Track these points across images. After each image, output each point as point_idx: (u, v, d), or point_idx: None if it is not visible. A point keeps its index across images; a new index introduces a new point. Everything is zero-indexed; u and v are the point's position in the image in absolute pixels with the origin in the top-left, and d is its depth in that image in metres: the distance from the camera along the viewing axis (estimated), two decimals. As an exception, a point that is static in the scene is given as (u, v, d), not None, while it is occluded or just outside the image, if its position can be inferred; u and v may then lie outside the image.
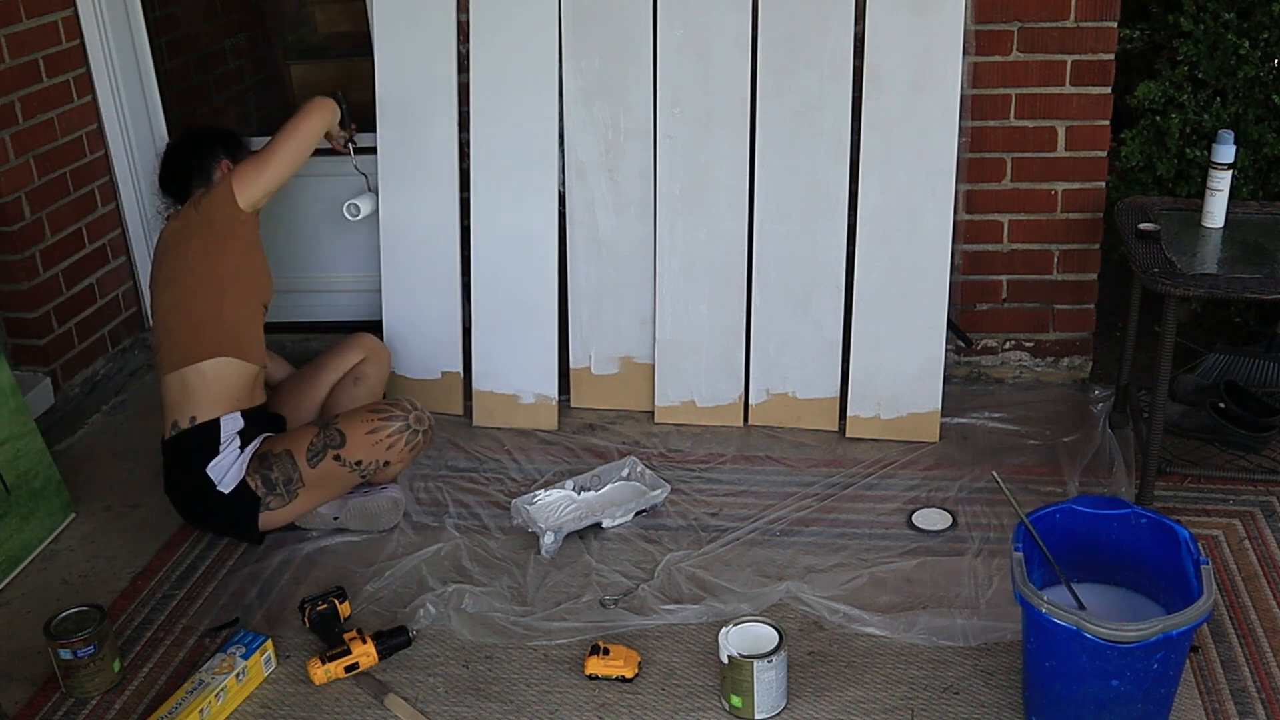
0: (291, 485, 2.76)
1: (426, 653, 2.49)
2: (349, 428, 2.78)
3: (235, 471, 2.73)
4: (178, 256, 2.79)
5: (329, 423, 2.80)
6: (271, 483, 2.74)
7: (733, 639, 2.27)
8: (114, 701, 2.40)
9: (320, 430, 2.78)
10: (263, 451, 2.77)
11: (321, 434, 2.77)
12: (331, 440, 2.76)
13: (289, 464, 2.74)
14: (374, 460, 2.79)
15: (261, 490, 2.74)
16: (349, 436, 2.76)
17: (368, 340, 3.21)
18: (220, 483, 2.73)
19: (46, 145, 3.41)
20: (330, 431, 2.77)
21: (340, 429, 2.77)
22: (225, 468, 2.73)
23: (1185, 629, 1.96)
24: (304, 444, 2.76)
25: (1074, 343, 3.43)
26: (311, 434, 2.78)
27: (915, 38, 3.03)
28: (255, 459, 2.75)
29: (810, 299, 3.21)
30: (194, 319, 2.77)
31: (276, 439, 2.82)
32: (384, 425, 2.78)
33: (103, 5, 3.55)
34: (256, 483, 2.74)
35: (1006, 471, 3.00)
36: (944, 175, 3.08)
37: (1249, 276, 2.61)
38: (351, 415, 2.82)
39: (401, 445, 2.80)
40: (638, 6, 3.15)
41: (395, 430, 2.78)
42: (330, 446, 2.75)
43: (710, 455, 3.19)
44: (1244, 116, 3.25)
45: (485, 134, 3.29)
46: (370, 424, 2.78)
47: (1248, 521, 2.78)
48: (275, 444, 2.79)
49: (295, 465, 2.75)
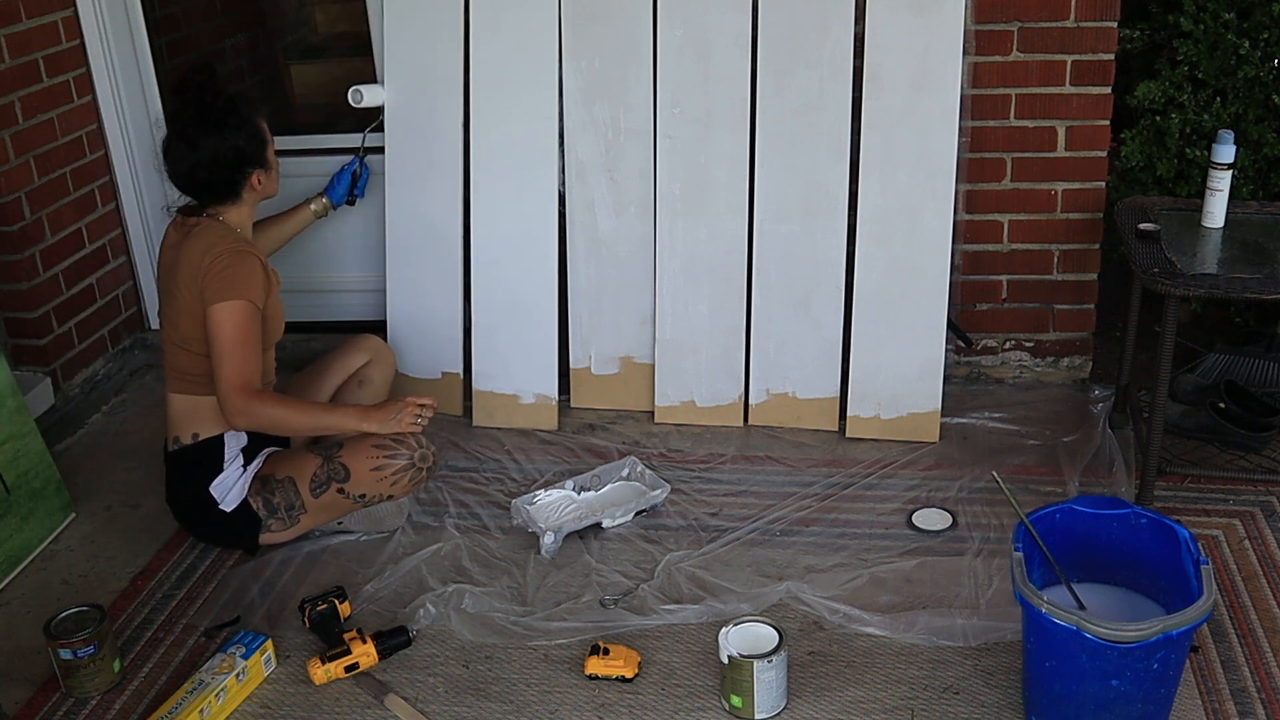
0: (294, 511, 2.75)
1: (426, 653, 2.49)
2: (353, 462, 2.72)
3: (237, 491, 2.72)
4: (188, 301, 2.64)
5: (333, 454, 2.74)
6: (273, 507, 2.73)
7: (733, 639, 2.27)
8: (114, 701, 2.40)
9: (324, 462, 2.73)
10: (265, 474, 2.74)
11: (325, 466, 2.72)
12: (335, 474, 2.72)
13: (291, 491, 2.73)
14: (377, 494, 2.77)
15: (263, 513, 2.73)
16: (353, 471, 2.72)
17: (372, 342, 3.18)
18: (222, 501, 2.72)
19: (46, 145, 3.41)
20: (334, 464, 2.72)
21: (344, 463, 2.72)
22: (227, 487, 2.71)
23: (1185, 629, 1.96)
24: (307, 473, 2.73)
25: (1074, 343, 3.43)
26: (315, 464, 2.73)
27: (915, 38, 3.03)
28: (258, 480, 2.73)
29: (810, 299, 3.21)
30: (201, 363, 2.68)
31: (280, 460, 2.77)
32: (389, 463, 2.73)
33: (103, 5, 3.55)
34: (258, 504, 2.73)
35: (1006, 471, 3.00)
36: (944, 175, 3.08)
37: (1249, 276, 2.61)
38: (356, 449, 2.74)
39: (405, 482, 2.76)
40: (638, 6, 3.15)
41: (400, 468, 2.74)
42: (334, 480, 2.73)
43: (710, 455, 3.19)
44: (1244, 116, 3.25)
45: (485, 134, 3.29)
46: (375, 460, 2.73)
47: (1248, 521, 2.78)
48: (279, 467, 2.75)
49: (298, 493, 2.73)
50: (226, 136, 2.66)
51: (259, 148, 2.74)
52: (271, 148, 2.80)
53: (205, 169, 2.67)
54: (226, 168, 2.68)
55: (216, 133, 2.66)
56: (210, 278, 2.61)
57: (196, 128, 2.66)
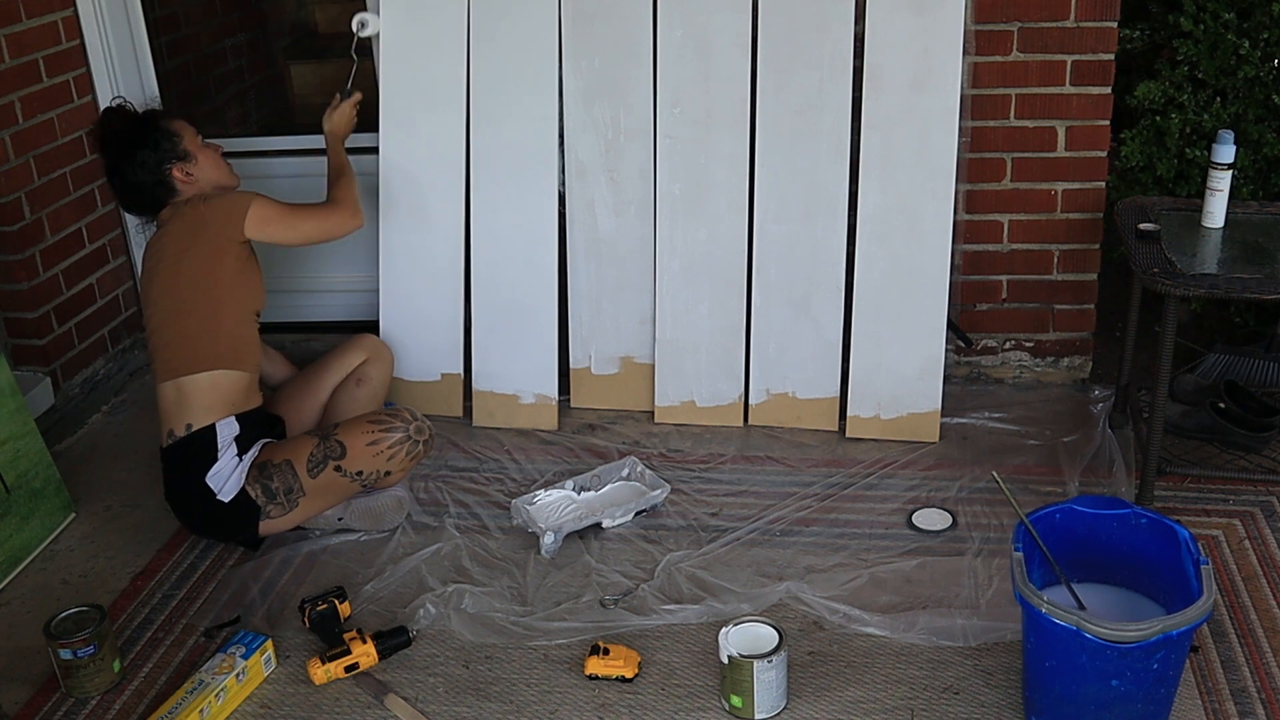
0: (292, 495, 2.75)
1: (426, 653, 2.49)
2: (349, 439, 2.77)
3: (235, 480, 2.72)
4: (173, 266, 2.77)
5: (329, 433, 2.79)
6: (272, 492, 2.74)
7: (733, 639, 2.27)
8: (114, 701, 2.40)
9: (320, 441, 2.77)
10: (262, 460, 2.76)
11: (321, 445, 2.76)
12: (332, 451, 2.75)
13: (289, 474, 2.74)
14: (375, 470, 2.79)
15: (262, 499, 2.74)
16: (349, 448, 2.76)
17: (370, 341, 3.20)
18: (220, 491, 2.72)
19: (46, 145, 3.42)
20: (330, 443, 2.76)
21: (340, 440, 2.76)
22: (224, 476, 2.72)
23: (1185, 629, 1.96)
24: (304, 454, 2.75)
25: (1074, 343, 3.43)
26: (311, 445, 2.76)
27: (915, 38, 3.03)
28: (255, 468, 2.74)
29: (810, 299, 3.21)
30: (191, 332, 2.76)
31: (276, 447, 2.81)
32: (384, 436, 2.77)
33: (103, 5, 3.55)
34: (257, 491, 2.73)
35: (1006, 471, 3.00)
36: (944, 175, 3.08)
37: (1249, 276, 2.61)
38: (351, 426, 2.81)
39: (402, 455, 2.80)
40: (638, 6, 3.15)
41: (396, 441, 2.78)
42: (331, 458, 2.75)
43: (710, 455, 3.19)
44: (1244, 116, 3.25)
45: (485, 134, 3.29)
46: (371, 435, 2.77)
47: (1248, 521, 2.78)
48: (275, 453, 2.78)
49: (295, 475, 2.74)
50: (134, 153, 2.82)
51: (169, 144, 2.84)
52: (189, 139, 2.87)
53: (132, 190, 2.86)
54: (148, 177, 2.83)
55: (125, 154, 2.83)
56: (219, 220, 2.76)
57: (111, 159, 2.86)
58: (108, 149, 2.86)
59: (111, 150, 2.85)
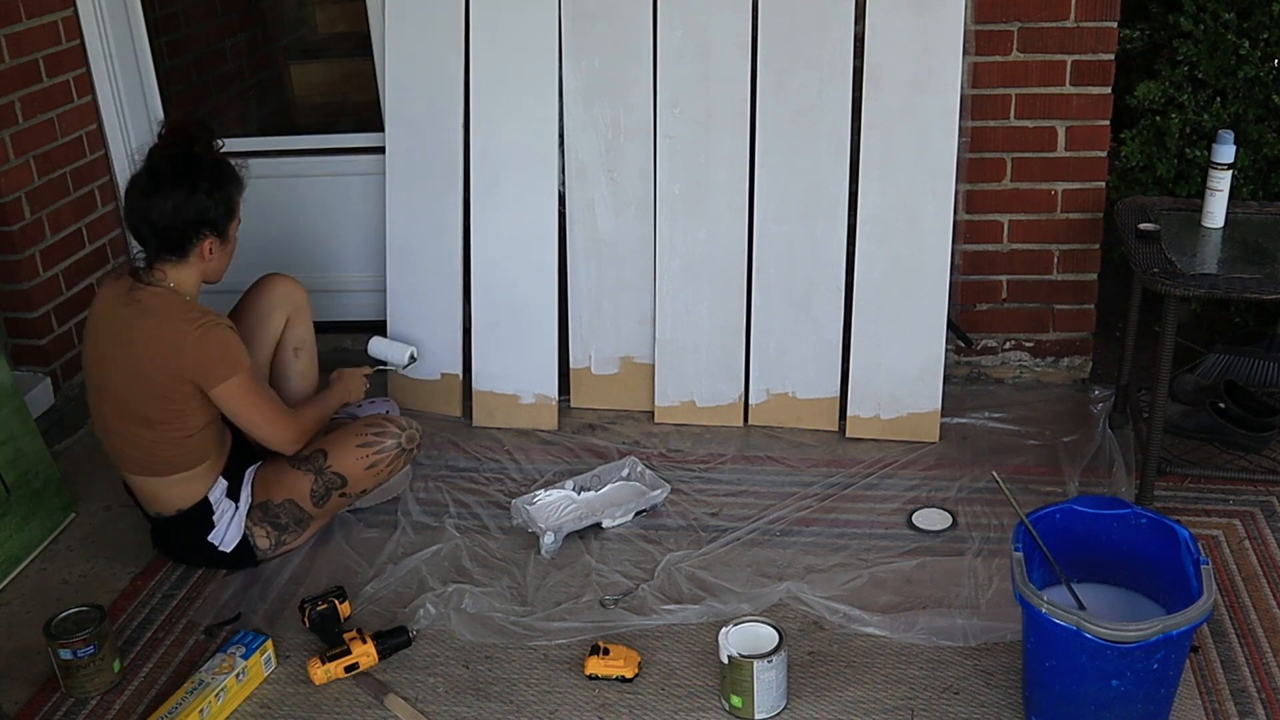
0: (303, 523, 2.78)
1: (426, 653, 2.49)
2: (344, 467, 2.74)
3: (235, 530, 2.72)
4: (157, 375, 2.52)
5: (323, 466, 2.73)
6: (282, 526, 2.75)
7: (733, 639, 2.27)
8: (114, 701, 2.40)
9: (316, 476, 2.73)
10: (262, 502, 2.73)
11: (319, 480, 2.73)
12: (333, 484, 2.75)
13: (294, 508, 2.75)
14: (377, 484, 2.83)
15: (273, 536, 2.75)
16: (349, 476, 2.75)
17: (281, 291, 2.92)
18: (221, 544, 2.72)
19: (46, 145, 3.42)
20: (327, 476, 2.74)
21: (338, 472, 2.74)
22: (224, 530, 2.71)
23: (1185, 629, 1.96)
24: (305, 490, 2.73)
25: (1074, 343, 3.43)
26: (309, 481, 2.73)
27: (915, 38, 3.03)
28: (257, 509, 2.73)
29: (810, 299, 3.21)
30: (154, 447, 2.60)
31: (269, 482, 2.74)
32: (379, 456, 2.77)
33: (103, 5, 3.55)
34: (266, 530, 2.73)
35: (1006, 471, 2.99)
36: (944, 175, 3.08)
37: (1249, 276, 2.61)
38: (343, 452, 2.75)
39: (401, 464, 2.83)
40: (638, 6, 3.15)
41: (391, 457, 2.79)
42: (333, 489, 2.75)
43: (710, 455, 3.19)
44: (1244, 116, 3.25)
45: (485, 134, 3.29)
46: (366, 458, 2.76)
47: (1248, 521, 2.78)
48: (273, 490, 2.73)
49: (301, 508, 2.75)
50: (198, 190, 2.52)
51: (224, 217, 2.58)
52: (235, 227, 2.64)
53: (164, 215, 2.50)
54: (184, 221, 2.52)
55: (190, 182, 2.51)
56: (199, 365, 2.52)
57: (172, 170, 2.52)
58: (176, 163, 2.53)
59: (179, 168, 2.53)
